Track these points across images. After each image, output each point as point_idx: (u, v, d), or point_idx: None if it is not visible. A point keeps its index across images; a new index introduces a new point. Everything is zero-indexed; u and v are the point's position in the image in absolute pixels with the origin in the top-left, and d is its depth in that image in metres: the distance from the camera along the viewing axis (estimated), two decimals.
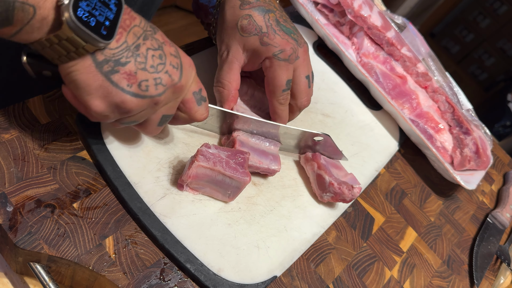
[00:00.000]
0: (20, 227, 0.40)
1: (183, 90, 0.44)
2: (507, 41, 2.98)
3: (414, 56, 0.81)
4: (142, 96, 0.40)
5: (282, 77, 0.54)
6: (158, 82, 0.41)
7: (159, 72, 0.41)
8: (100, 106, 0.40)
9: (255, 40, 0.54)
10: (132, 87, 0.40)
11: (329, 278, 0.55)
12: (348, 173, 0.60)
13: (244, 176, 0.49)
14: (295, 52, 0.55)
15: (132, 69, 0.39)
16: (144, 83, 0.40)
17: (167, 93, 0.42)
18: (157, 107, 0.43)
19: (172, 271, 0.45)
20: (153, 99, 0.41)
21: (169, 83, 0.42)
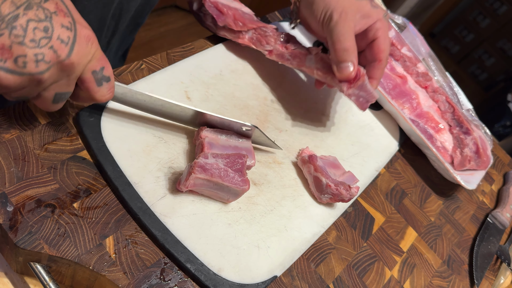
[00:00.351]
0: (20, 227, 0.40)
1: (74, 68, 0.39)
2: (507, 41, 2.98)
3: (414, 56, 0.81)
4: (19, 73, 0.36)
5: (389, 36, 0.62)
6: (39, 59, 0.36)
7: (41, 47, 0.36)
8: None
9: (367, 3, 0.60)
10: (6, 63, 0.35)
11: (329, 278, 0.55)
12: (345, 171, 0.60)
13: (243, 184, 0.48)
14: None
15: (6, 43, 0.35)
16: (21, 59, 0.36)
17: (52, 70, 0.38)
18: (43, 85, 0.38)
19: (172, 271, 0.45)
20: (33, 76, 0.37)
21: (54, 59, 0.37)
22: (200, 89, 0.59)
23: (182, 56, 0.62)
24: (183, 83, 0.59)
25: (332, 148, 0.66)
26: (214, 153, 0.49)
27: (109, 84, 0.43)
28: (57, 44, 0.37)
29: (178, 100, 0.57)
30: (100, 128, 0.49)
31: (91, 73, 0.41)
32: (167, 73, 0.58)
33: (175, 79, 0.58)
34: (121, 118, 0.51)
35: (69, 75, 0.39)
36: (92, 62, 0.41)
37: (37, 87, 0.39)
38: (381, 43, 0.61)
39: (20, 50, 0.36)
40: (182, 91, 0.58)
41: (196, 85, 0.59)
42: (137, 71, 0.57)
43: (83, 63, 0.39)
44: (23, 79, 0.37)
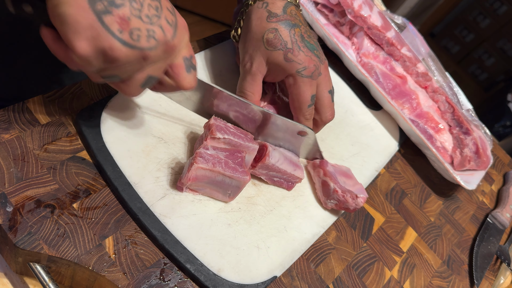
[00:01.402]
0: (20, 227, 0.40)
1: (174, 51, 0.41)
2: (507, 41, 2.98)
3: (414, 56, 0.81)
4: (132, 45, 0.37)
5: (307, 93, 0.55)
6: (151, 35, 0.37)
7: (153, 24, 0.37)
8: (86, 49, 0.36)
9: (279, 55, 0.54)
10: (123, 34, 0.36)
11: (329, 278, 0.55)
12: (357, 183, 0.60)
13: (244, 175, 0.49)
14: (318, 68, 0.56)
15: (126, 14, 0.36)
16: (136, 32, 0.37)
17: (158, 49, 0.39)
18: (145, 63, 0.39)
19: (172, 271, 0.45)
20: (143, 52, 0.38)
21: (162, 38, 0.38)
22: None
23: None
24: None
25: (332, 148, 0.66)
26: (214, 146, 0.49)
27: (195, 73, 0.44)
28: (164, 24, 0.38)
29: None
30: (100, 129, 0.49)
31: (182, 58, 0.42)
32: None
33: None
34: (120, 119, 0.51)
35: (167, 57, 0.41)
36: (185, 49, 0.42)
37: (139, 65, 0.39)
38: (294, 100, 0.56)
39: (137, 23, 0.36)
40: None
41: None
42: None
43: (180, 48, 0.41)
44: (133, 53, 0.37)
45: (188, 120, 0.56)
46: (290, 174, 0.55)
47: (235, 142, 0.50)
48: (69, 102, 0.50)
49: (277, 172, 0.54)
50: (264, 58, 0.55)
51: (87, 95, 0.52)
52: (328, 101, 0.58)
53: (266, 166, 0.53)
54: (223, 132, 0.49)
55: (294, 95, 0.56)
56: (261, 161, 0.53)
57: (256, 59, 0.55)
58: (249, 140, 0.52)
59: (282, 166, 0.54)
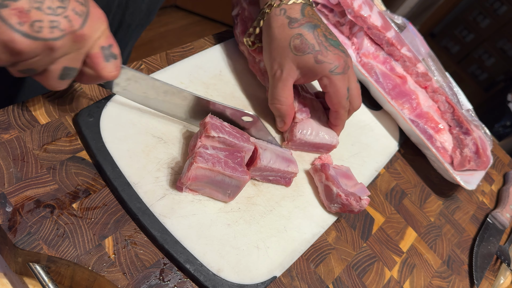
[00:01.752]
0: (19, 228, 0.40)
1: (85, 41, 0.40)
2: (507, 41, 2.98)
3: (414, 56, 0.81)
4: (34, 37, 0.37)
5: (343, 88, 0.58)
6: (54, 25, 0.38)
7: (57, 15, 0.38)
8: None
9: (310, 58, 0.56)
10: (23, 26, 0.37)
11: (329, 278, 0.55)
12: (358, 183, 0.60)
13: (243, 174, 0.49)
14: (347, 63, 0.58)
15: (25, 7, 0.36)
16: (37, 24, 0.37)
17: (65, 40, 0.39)
18: (54, 54, 0.39)
19: (172, 271, 0.45)
20: (47, 43, 0.38)
21: (68, 29, 0.39)
22: (199, 90, 0.59)
23: (181, 56, 0.62)
24: (182, 83, 0.58)
25: None
26: (213, 145, 0.49)
27: (116, 62, 0.44)
28: (71, 15, 0.39)
29: None
30: (99, 129, 0.49)
31: (99, 48, 0.42)
32: (167, 74, 0.58)
33: (174, 80, 0.58)
34: (120, 119, 0.51)
35: (80, 48, 0.41)
36: (101, 38, 0.42)
37: (48, 57, 0.39)
38: (332, 98, 0.59)
39: (37, 15, 0.37)
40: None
41: (196, 86, 0.59)
42: None
43: (94, 37, 0.41)
44: (37, 44, 0.38)
45: None
46: (284, 171, 0.55)
47: (230, 141, 0.50)
48: (68, 102, 0.50)
49: (270, 172, 0.54)
50: (294, 64, 0.57)
51: (86, 95, 0.52)
52: (357, 90, 0.61)
53: (258, 168, 0.53)
54: (218, 131, 0.49)
55: (332, 93, 0.58)
56: (253, 164, 0.53)
57: (286, 66, 0.57)
58: (245, 140, 0.51)
59: (275, 165, 0.54)
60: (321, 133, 0.61)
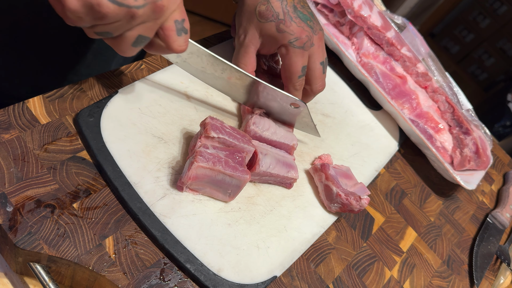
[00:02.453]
0: (20, 227, 0.40)
1: (164, 12, 0.42)
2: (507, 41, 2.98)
3: (414, 56, 0.81)
4: (119, 3, 0.38)
5: (298, 64, 0.56)
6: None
7: None
8: (75, 3, 0.38)
9: (272, 26, 0.55)
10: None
11: (329, 278, 0.55)
12: (357, 183, 0.60)
13: (244, 174, 0.49)
14: (310, 39, 0.56)
15: None
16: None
17: (146, 9, 0.40)
18: (134, 21, 0.40)
19: (172, 271, 0.45)
20: (130, 10, 0.39)
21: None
22: (200, 89, 0.59)
23: None
24: (183, 83, 0.59)
25: (331, 148, 0.66)
26: (214, 145, 0.49)
27: (186, 37, 0.45)
28: None
29: (178, 100, 0.57)
30: (100, 128, 0.49)
31: (173, 21, 0.43)
32: (167, 73, 0.58)
33: (175, 79, 0.58)
34: (120, 119, 0.51)
35: (157, 18, 0.42)
36: (176, 12, 0.43)
37: (127, 23, 0.40)
38: (285, 70, 0.57)
39: None
40: (182, 91, 0.58)
41: (196, 85, 0.59)
42: (137, 71, 0.57)
43: (170, 10, 0.42)
44: (121, 10, 0.39)
45: (188, 120, 0.56)
46: (284, 177, 0.55)
47: (229, 142, 0.50)
48: (69, 102, 0.50)
49: (270, 177, 0.54)
50: (257, 30, 0.56)
51: (87, 95, 0.52)
52: (319, 72, 0.58)
53: (257, 173, 0.53)
54: (218, 131, 0.49)
55: (285, 65, 0.57)
56: (252, 169, 0.53)
57: (249, 31, 0.56)
58: (246, 141, 0.51)
59: (275, 171, 0.54)
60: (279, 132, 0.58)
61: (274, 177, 0.54)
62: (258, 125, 0.56)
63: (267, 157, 0.54)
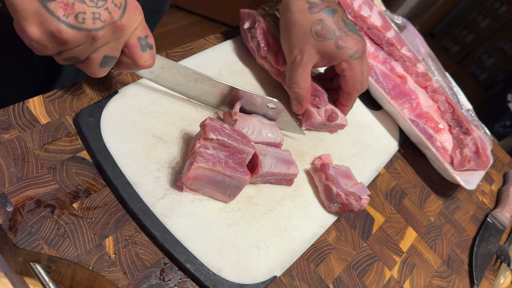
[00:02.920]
0: (20, 227, 0.40)
1: (124, 31, 0.43)
2: (507, 41, 2.98)
3: (414, 56, 0.81)
4: (78, 28, 0.40)
5: (360, 72, 0.61)
6: (96, 17, 0.41)
7: (98, 7, 0.41)
8: (36, 33, 0.40)
9: (331, 44, 0.58)
10: (68, 18, 0.40)
11: (329, 278, 0.55)
12: (357, 183, 0.60)
13: (244, 175, 0.49)
14: (364, 48, 0.60)
15: (70, 0, 0.40)
16: (81, 15, 0.40)
17: (106, 30, 0.42)
18: (96, 43, 0.42)
19: (172, 271, 0.45)
20: (90, 33, 0.41)
21: (109, 20, 0.42)
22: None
23: (181, 56, 0.62)
24: None
25: (331, 148, 0.66)
26: (214, 145, 0.49)
27: (152, 52, 0.47)
28: (111, 7, 0.42)
29: (178, 100, 0.57)
30: (100, 128, 0.49)
31: (136, 38, 0.45)
32: None
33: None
34: (120, 119, 0.51)
35: (119, 38, 0.44)
36: (138, 29, 0.45)
37: (90, 46, 0.43)
38: (348, 81, 0.61)
39: (81, 7, 0.40)
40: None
41: None
42: None
43: (131, 28, 0.44)
44: (80, 34, 0.41)
45: (188, 120, 0.56)
46: (285, 174, 0.55)
47: (229, 144, 0.50)
48: (69, 102, 0.50)
49: (272, 176, 0.54)
50: (315, 49, 0.58)
51: (87, 95, 0.52)
52: (368, 73, 0.63)
53: (260, 175, 0.53)
54: (218, 133, 0.49)
55: (349, 77, 0.61)
56: (254, 172, 0.52)
57: (306, 51, 0.58)
58: (245, 143, 0.51)
59: (276, 170, 0.54)
60: (264, 131, 0.57)
61: (276, 175, 0.54)
62: (243, 129, 0.55)
63: (267, 157, 0.54)
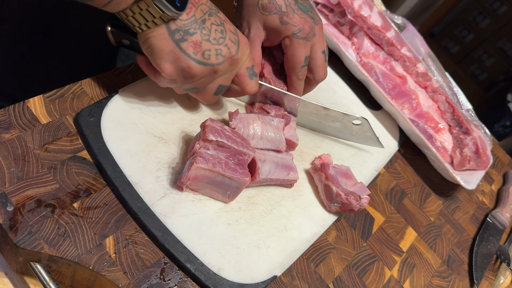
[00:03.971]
0: (20, 227, 0.40)
1: (239, 63, 0.49)
2: (507, 41, 2.98)
3: (414, 56, 0.81)
4: (204, 63, 0.46)
5: (301, 54, 0.58)
6: (218, 53, 0.47)
7: (220, 44, 0.47)
8: (170, 69, 0.46)
9: (275, 19, 0.57)
10: (197, 55, 0.46)
11: (329, 278, 0.55)
12: (357, 182, 0.60)
13: (243, 176, 0.48)
14: (312, 30, 0.58)
15: (198, 39, 0.46)
16: (207, 52, 0.46)
17: (225, 63, 0.48)
18: (216, 76, 0.48)
19: (172, 270, 0.45)
20: (214, 67, 0.47)
21: (228, 55, 0.48)
22: None
23: None
24: None
25: (331, 148, 0.66)
26: (215, 146, 0.49)
27: (257, 79, 0.53)
28: (229, 43, 0.48)
29: (179, 100, 0.57)
30: (100, 128, 0.49)
31: (245, 68, 0.51)
32: None
33: None
34: (121, 118, 0.51)
35: (233, 69, 0.50)
36: (247, 60, 0.51)
37: (211, 77, 0.49)
38: (288, 61, 0.59)
39: (207, 45, 0.46)
40: None
41: None
42: (137, 71, 0.58)
43: (243, 60, 0.50)
44: (206, 69, 0.47)
45: (188, 119, 0.56)
46: (284, 180, 0.55)
47: (228, 146, 0.50)
48: (69, 102, 0.51)
49: (270, 182, 0.54)
50: (261, 23, 0.58)
51: (87, 95, 0.52)
52: (321, 61, 0.60)
53: (258, 181, 0.53)
54: (217, 134, 0.49)
55: (289, 56, 0.58)
56: (252, 178, 0.52)
57: (253, 24, 0.58)
58: (245, 146, 0.51)
59: (274, 176, 0.53)
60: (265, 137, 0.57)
61: (274, 181, 0.54)
62: (243, 133, 0.55)
63: (265, 163, 0.53)
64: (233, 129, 0.52)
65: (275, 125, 0.57)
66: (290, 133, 0.58)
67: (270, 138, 0.56)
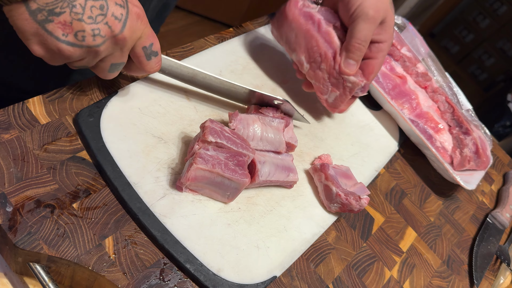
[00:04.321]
0: (19, 227, 0.40)
1: (126, 42, 0.44)
2: (507, 41, 2.98)
3: (414, 56, 0.81)
4: (78, 45, 0.41)
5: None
6: (96, 33, 0.41)
7: (97, 23, 0.41)
8: (40, 51, 0.41)
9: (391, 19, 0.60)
10: (68, 37, 0.40)
11: (329, 278, 0.55)
12: (357, 182, 0.60)
13: (243, 177, 0.48)
14: None
15: (67, 19, 0.40)
16: (80, 34, 0.41)
17: (107, 44, 0.43)
18: (99, 56, 0.43)
19: (172, 271, 0.45)
20: (91, 49, 0.42)
21: (109, 34, 0.42)
22: (200, 89, 0.59)
23: (181, 56, 0.62)
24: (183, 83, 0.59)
25: (331, 148, 0.66)
26: (214, 147, 0.49)
27: (157, 58, 0.48)
28: (111, 20, 0.42)
29: (178, 100, 0.57)
30: (100, 128, 0.49)
31: (141, 48, 0.46)
32: None
33: (175, 79, 0.58)
34: (120, 119, 0.51)
35: (122, 48, 0.44)
36: (142, 38, 0.46)
37: (94, 58, 0.44)
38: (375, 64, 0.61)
39: (79, 25, 0.40)
40: (182, 91, 0.58)
41: None
42: None
43: (134, 38, 0.44)
44: (82, 50, 0.42)
45: (188, 120, 0.56)
46: (283, 181, 0.55)
47: (228, 147, 0.50)
48: (69, 102, 0.50)
49: (269, 183, 0.54)
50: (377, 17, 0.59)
51: (87, 95, 0.52)
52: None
53: (257, 183, 0.53)
54: (217, 135, 0.49)
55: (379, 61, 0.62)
56: (251, 180, 0.52)
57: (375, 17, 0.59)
58: (245, 148, 0.51)
59: (274, 178, 0.53)
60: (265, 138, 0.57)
61: (274, 183, 0.54)
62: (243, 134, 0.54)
63: (265, 165, 0.53)
64: (232, 130, 0.52)
65: (275, 126, 0.56)
66: (289, 135, 0.58)
67: (270, 139, 0.55)
